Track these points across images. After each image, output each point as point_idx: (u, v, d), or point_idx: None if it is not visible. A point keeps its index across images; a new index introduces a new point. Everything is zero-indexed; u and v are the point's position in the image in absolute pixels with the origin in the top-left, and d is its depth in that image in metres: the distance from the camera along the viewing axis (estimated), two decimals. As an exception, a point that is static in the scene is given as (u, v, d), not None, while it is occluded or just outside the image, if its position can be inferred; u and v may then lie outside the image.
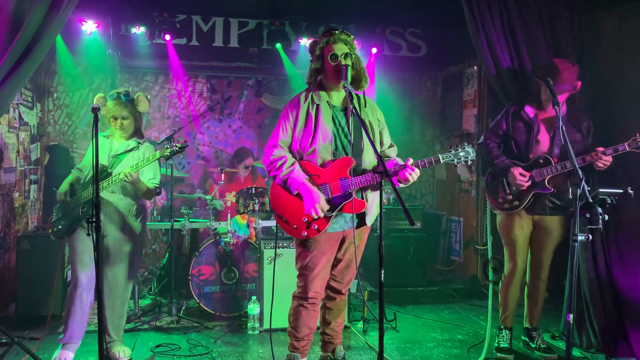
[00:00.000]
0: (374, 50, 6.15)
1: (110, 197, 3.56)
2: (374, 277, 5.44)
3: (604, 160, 3.38)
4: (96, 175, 2.74)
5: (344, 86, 2.89)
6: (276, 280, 3.45)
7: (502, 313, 3.86)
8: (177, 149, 3.45)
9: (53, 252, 4.33)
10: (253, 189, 4.68)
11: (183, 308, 4.59)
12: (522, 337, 3.98)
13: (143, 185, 3.54)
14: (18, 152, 5.22)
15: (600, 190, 2.85)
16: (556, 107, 3.23)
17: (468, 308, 5.06)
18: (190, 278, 4.45)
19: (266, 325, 4.17)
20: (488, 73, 4.08)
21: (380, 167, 2.57)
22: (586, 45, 4.12)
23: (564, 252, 3.66)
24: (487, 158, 3.79)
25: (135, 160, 3.55)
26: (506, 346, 3.80)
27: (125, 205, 3.60)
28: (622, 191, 2.89)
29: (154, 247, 5.70)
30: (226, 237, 4.52)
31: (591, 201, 2.76)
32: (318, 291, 3.09)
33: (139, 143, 3.65)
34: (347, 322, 4.32)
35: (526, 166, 3.60)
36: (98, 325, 2.73)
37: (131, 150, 3.59)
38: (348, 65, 2.91)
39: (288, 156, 3.02)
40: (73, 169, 3.71)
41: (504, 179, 3.66)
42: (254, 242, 4.57)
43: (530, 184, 3.55)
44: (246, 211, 4.63)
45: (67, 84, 6.26)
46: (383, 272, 2.51)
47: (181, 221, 4.74)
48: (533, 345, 3.86)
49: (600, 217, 2.71)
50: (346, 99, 3.03)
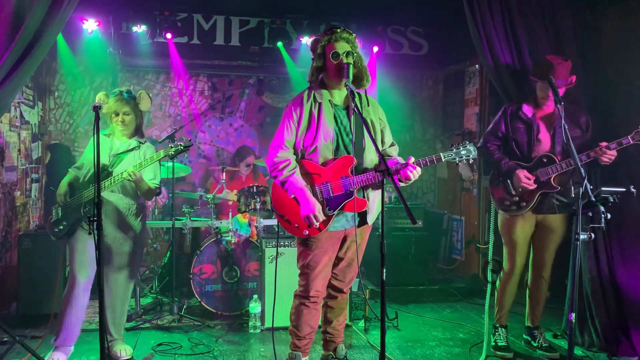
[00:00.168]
0: (376, 48, 6.13)
1: (110, 197, 3.55)
2: (376, 276, 5.44)
3: (609, 154, 3.37)
4: (97, 174, 2.73)
5: (346, 84, 2.87)
6: (277, 279, 3.46)
7: (498, 311, 3.86)
8: (182, 148, 3.44)
9: (54, 251, 4.33)
10: (254, 188, 4.68)
11: (184, 307, 4.59)
12: (524, 336, 3.98)
13: (145, 184, 3.54)
14: (19, 151, 5.22)
15: (602, 188, 2.84)
16: (558, 106, 3.22)
17: (469, 307, 5.06)
18: (191, 277, 4.45)
19: (268, 324, 4.18)
20: (488, 72, 4.07)
21: (381, 166, 2.56)
22: (587, 43, 4.11)
23: (566, 251, 3.65)
24: (489, 161, 3.77)
25: (136, 159, 3.54)
26: (504, 344, 3.80)
27: (125, 204, 3.60)
28: (625, 190, 2.88)
29: (155, 246, 5.70)
30: (227, 236, 4.52)
31: (594, 200, 2.75)
32: (320, 290, 3.09)
33: (140, 143, 3.63)
34: (349, 321, 4.31)
35: (530, 166, 3.58)
36: (99, 324, 2.73)
37: (132, 149, 3.58)
38: (350, 63, 2.90)
39: (292, 159, 3.01)
40: (71, 169, 3.68)
41: (509, 181, 3.64)
42: (256, 241, 4.57)
43: (536, 185, 3.54)
44: (247, 210, 4.64)
45: (68, 83, 6.27)
46: (385, 271, 2.51)
47: (182, 220, 4.74)
48: (535, 344, 3.86)
49: (602, 216, 2.70)
50: (348, 98, 3.02)
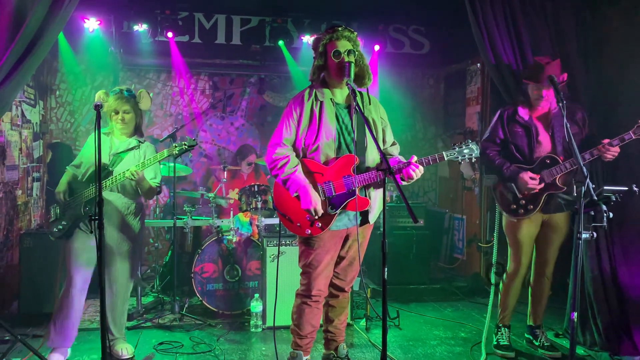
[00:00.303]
0: (377, 47, 6.13)
1: (109, 196, 3.53)
2: (377, 275, 5.43)
3: (612, 151, 3.37)
4: (98, 173, 2.73)
5: (347, 83, 2.86)
6: (279, 278, 3.46)
7: (502, 312, 3.85)
8: (187, 148, 3.42)
9: (56, 250, 4.32)
10: (256, 187, 4.68)
11: (186, 306, 4.59)
12: (526, 335, 3.97)
13: (147, 184, 3.53)
14: (21, 150, 5.22)
15: (604, 187, 2.83)
16: (560, 104, 3.21)
17: (471, 306, 5.05)
18: (192, 276, 4.45)
19: (269, 322, 4.17)
20: (490, 71, 4.06)
21: (383, 165, 2.56)
22: (589, 42, 4.09)
23: (568, 250, 3.65)
24: (490, 167, 3.74)
25: (136, 159, 3.53)
26: (506, 344, 3.79)
27: (123, 203, 3.58)
28: (627, 189, 2.87)
29: (157, 245, 5.70)
30: (229, 235, 4.52)
31: (596, 199, 2.74)
32: (321, 289, 3.09)
33: (140, 142, 3.62)
34: (350, 320, 4.30)
35: (533, 169, 3.57)
36: (100, 323, 2.73)
37: (132, 148, 3.57)
38: (351, 62, 2.90)
39: (291, 156, 2.99)
40: (68, 167, 3.65)
41: (514, 185, 3.61)
42: (257, 240, 4.56)
43: (542, 186, 3.53)
44: (249, 209, 4.63)
45: (70, 82, 6.27)
46: (386, 270, 2.51)
47: (184, 219, 4.74)
48: (537, 343, 3.85)
49: (604, 215, 2.69)
50: (349, 97, 3.01)
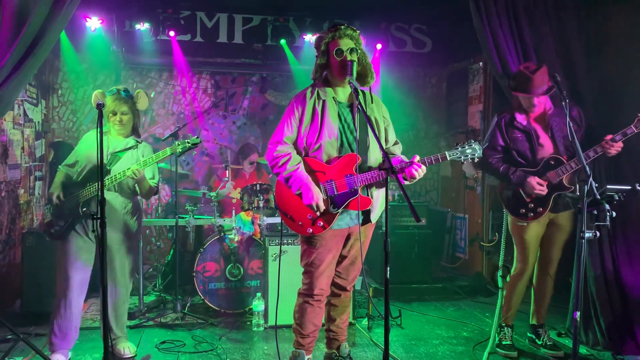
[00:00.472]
0: (379, 46, 6.12)
1: (106, 195, 3.45)
2: (379, 274, 5.43)
3: (616, 147, 3.37)
4: (100, 172, 2.73)
5: (350, 82, 2.84)
6: (281, 277, 3.46)
7: (505, 311, 3.84)
8: (190, 145, 3.40)
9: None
10: (258, 186, 4.67)
11: (188, 305, 4.59)
12: (528, 334, 3.96)
13: (147, 183, 3.52)
14: (23, 149, 5.22)
15: (608, 186, 2.81)
16: (563, 103, 3.19)
17: (473, 305, 5.05)
18: (194, 275, 4.46)
19: (271, 322, 4.17)
20: (493, 69, 4.05)
21: (386, 164, 2.55)
22: (592, 40, 4.08)
23: (571, 249, 3.64)
24: (495, 174, 3.71)
25: (134, 158, 3.52)
26: (509, 343, 3.78)
27: (120, 203, 3.56)
28: (630, 188, 2.86)
29: (159, 244, 5.70)
30: (231, 234, 4.52)
31: (599, 198, 2.73)
32: (323, 288, 3.08)
33: (138, 142, 3.61)
34: (352, 319, 4.31)
35: (538, 171, 3.56)
36: (102, 322, 2.73)
37: (130, 148, 3.56)
38: (354, 60, 2.88)
39: (293, 153, 2.98)
40: (61, 166, 3.61)
41: (521, 190, 3.59)
42: (259, 239, 4.56)
43: (549, 188, 3.52)
44: (251, 208, 4.63)
45: (72, 81, 6.27)
46: (388, 269, 2.50)
47: (186, 218, 4.74)
48: (539, 342, 3.85)
49: (607, 214, 2.68)
50: (352, 95, 3.00)
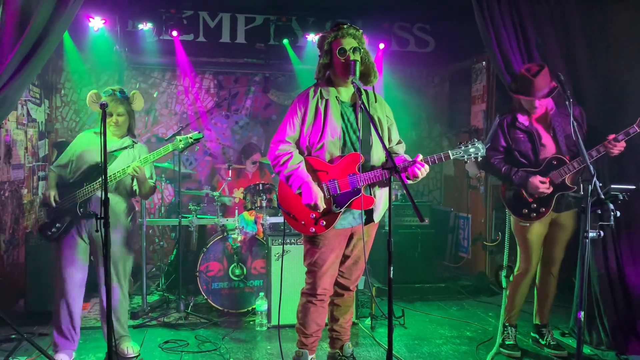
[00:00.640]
0: (382, 45, 6.12)
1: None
2: (382, 274, 5.43)
3: (619, 146, 3.37)
4: (104, 171, 2.73)
5: (353, 81, 2.84)
6: (284, 276, 3.45)
7: (509, 311, 3.84)
8: (192, 141, 3.38)
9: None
10: (260, 185, 4.68)
11: (191, 304, 4.60)
12: (532, 334, 3.96)
13: (148, 183, 3.52)
14: (26, 149, 5.24)
15: (611, 186, 2.81)
16: (567, 103, 3.19)
17: (476, 305, 5.04)
18: (198, 274, 4.46)
19: (274, 321, 4.18)
20: (496, 68, 4.04)
21: (389, 163, 2.54)
22: (596, 38, 4.07)
23: (574, 249, 3.63)
24: (498, 175, 3.72)
25: (130, 158, 3.51)
26: (512, 343, 3.78)
27: (116, 203, 3.53)
28: (635, 187, 2.85)
29: (162, 244, 5.71)
30: (234, 234, 4.52)
31: (603, 197, 2.72)
32: (327, 288, 3.08)
33: (134, 142, 3.60)
34: (355, 319, 4.30)
35: (541, 171, 3.55)
36: (107, 321, 2.73)
37: (126, 148, 3.55)
38: (357, 60, 2.87)
39: (295, 152, 2.98)
40: (53, 167, 3.57)
41: (524, 190, 3.59)
42: (262, 239, 4.57)
43: (552, 189, 3.51)
44: (254, 207, 4.63)
45: (75, 81, 6.28)
46: (392, 269, 2.49)
47: (189, 217, 4.74)
48: (543, 342, 3.84)
49: (611, 214, 2.68)
50: (355, 95, 3.00)
